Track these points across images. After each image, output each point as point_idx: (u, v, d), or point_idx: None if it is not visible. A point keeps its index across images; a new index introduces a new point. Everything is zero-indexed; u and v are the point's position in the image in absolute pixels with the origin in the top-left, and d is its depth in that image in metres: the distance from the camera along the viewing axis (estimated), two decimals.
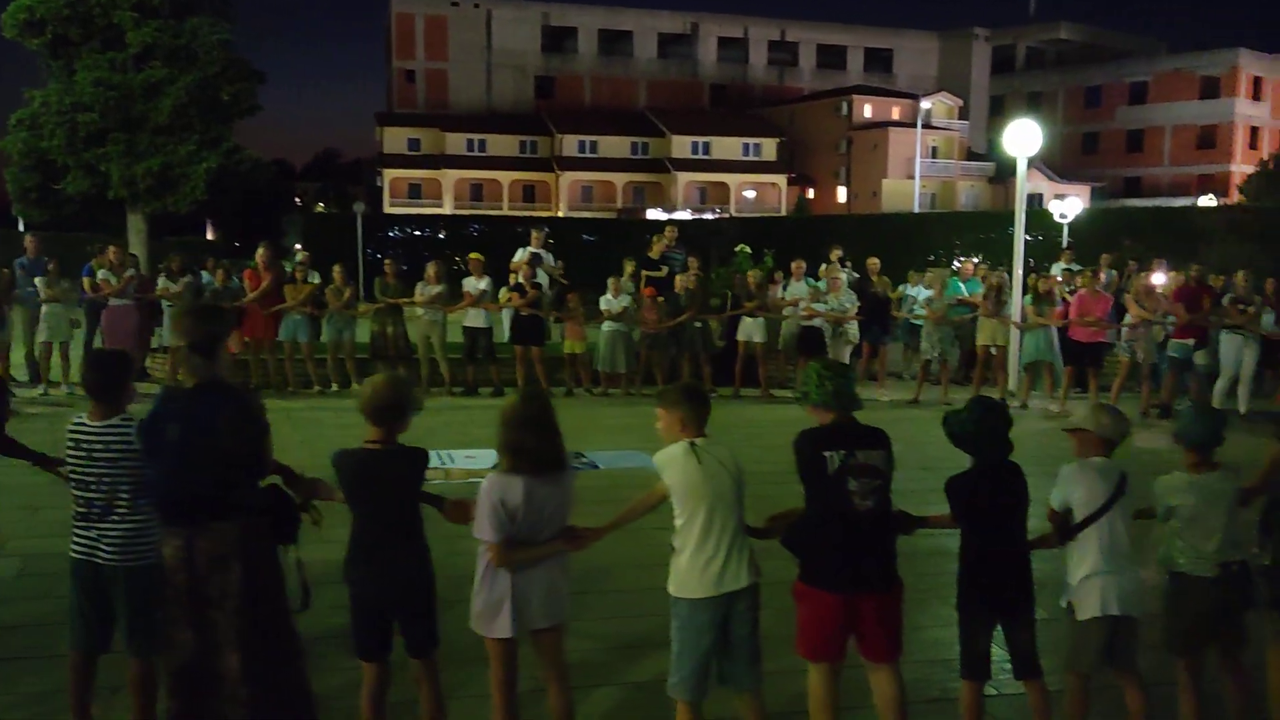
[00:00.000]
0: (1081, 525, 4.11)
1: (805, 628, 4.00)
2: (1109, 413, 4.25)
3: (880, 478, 3.94)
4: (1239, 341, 12.57)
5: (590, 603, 5.87)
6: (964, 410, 4.16)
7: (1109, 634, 4.09)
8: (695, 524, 3.88)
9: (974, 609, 4.15)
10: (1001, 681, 4.53)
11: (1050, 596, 4.34)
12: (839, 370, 4.09)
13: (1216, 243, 28.60)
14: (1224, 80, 64.78)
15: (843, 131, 67.80)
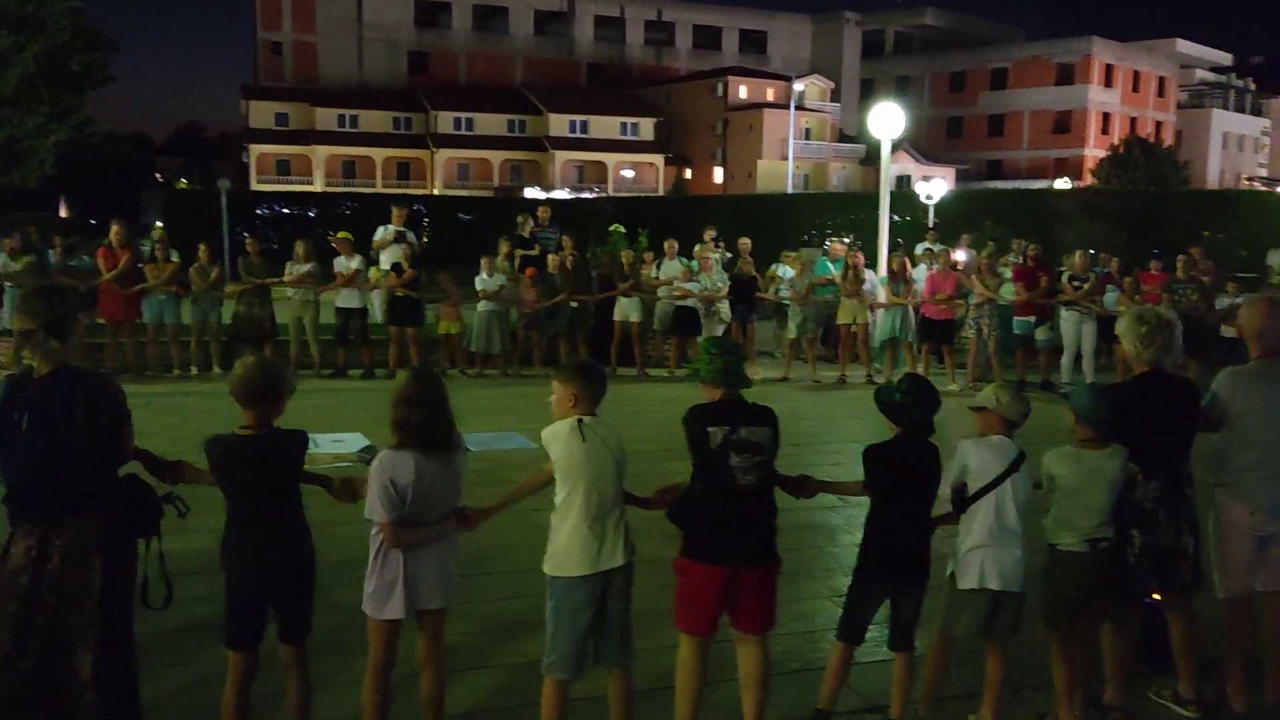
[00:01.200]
0: (973, 498, 4.26)
1: (684, 600, 4.07)
2: (1010, 392, 4.37)
3: (763, 454, 4.02)
4: (1077, 318, 13.22)
5: (471, 585, 5.82)
6: (897, 383, 4.31)
7: (988, 607, 4.24)
8: (575, 501, 3.90)
9: (871, 578, 4.27)
10: (863, 651, 4.67)
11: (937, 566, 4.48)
12: (728, 348, 4.15)
13: (1071, 223, 29.97)
14: (1078, 67, 67.76)
15: (719, 112, 68.47)
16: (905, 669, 4.31)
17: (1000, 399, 4.31)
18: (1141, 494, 4.47)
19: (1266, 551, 4.59)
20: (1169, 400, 4.54)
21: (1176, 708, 4.61)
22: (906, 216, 32.42)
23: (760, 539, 4.07)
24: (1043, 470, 4.40)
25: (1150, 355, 4.53)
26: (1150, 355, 4.53)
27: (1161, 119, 70.57)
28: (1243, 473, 4.54)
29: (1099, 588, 4.37)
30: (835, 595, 5.36)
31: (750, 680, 4.14)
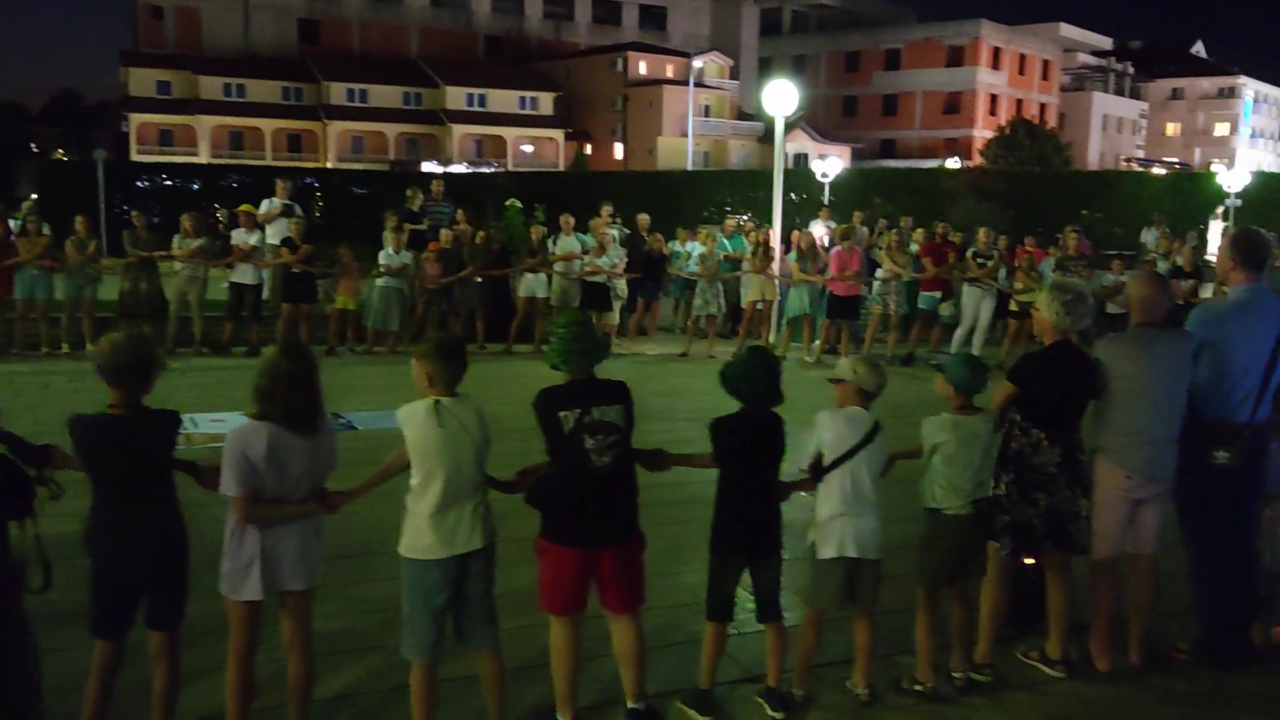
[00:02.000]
0: (828, 468, 4.33)
1: (547, 583, 4.05)
2: (867, 365, 4.46)
3: (618, 433, 3.99)
4: (979, 294, 13.62)
5: (359, 566, 5.74)
6: (739, 357, 4.34)
7: (847, 574, 4.35)
8: (431, 484, 3.81)
9: (726, 551, 4.31)
10: (740, 622, 4.75)
11: (797, 540, 4.55)
12: (573, 328, 4.06)
13: (960, 202, 30.78)
14: (968, 50, 69.44)
15: (619, 88, 68.23)
16: (777, 638, 4.38)
17: (857, 371, 4.40)
18: (1045, 459, 4.61)
19: (1138, 515, 4.79)
20: (1072, 369, 4.70)
21: (1044, 667, 4.80)
22: (803, 194, 32.88)
23: (619, 519, 4.06)
24: (923, 438, 4.52)
25: (1069, 324, 4.66)
26: (1069, 324, 4.66)
27: (1046, 101, 72.84)
28: (1119, 437, 4.71)
29: (977, 546, 4.55)
30: None
31: (626, 656, 4.16)
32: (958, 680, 4.61)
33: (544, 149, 66.04)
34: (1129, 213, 30.34)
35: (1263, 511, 4.95)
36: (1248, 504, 4.87)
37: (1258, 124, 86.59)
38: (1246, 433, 4.72)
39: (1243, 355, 4.72)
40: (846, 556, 4.31)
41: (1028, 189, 33.46)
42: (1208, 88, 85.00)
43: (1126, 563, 4.89)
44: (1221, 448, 4.72)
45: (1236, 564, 4.88)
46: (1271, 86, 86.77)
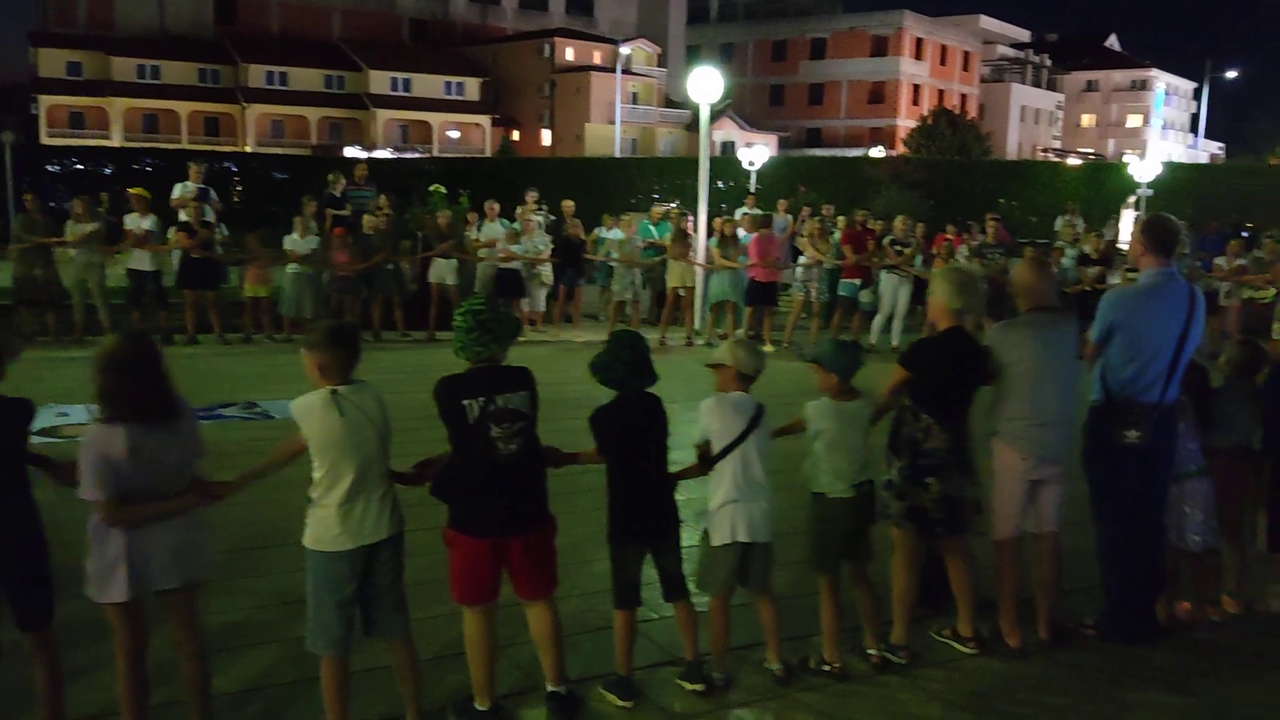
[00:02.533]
0: (719, 456, 4.33)
1: (457, 573, 3.99)
2: (746, 348, 4.46)
3: (523, 420, 3.94)
4: (896, 281, 13.81)
5: (260, 558, 5.62)
6: (605, 345, 4.29)
7: (739, 558, 4.36)
8: (334, 476, 3.72)
9: (624, 539, 4.29)
10: (655, 605, 4.74)
11: (693, 526, 4.56)
12: (472, 316, 3.96)
13: (883, 190, 31.22)
14: (891, 40, 70.37)
15: (546, 74, 67.79)
16: (687, 616, 4.40)
17: (737, 355, 4.40)
18: (936, 444, 4.66)
19: (1036, 496, 4.90)
20: (965, 356, 4.76)
21: (957, 645, 4.88)
22: (730, 182, 33.08)
23: (528, 506, 4.02)
24: (809, 424, 4.55)
25: (960, 306, 4.73)
26: (960, 306, 4.73)
27: (966, 92, 74.18)
28: (1014, 421, 4.80)
29: (861, 528, 4.60)
30: None
31: (544, 641, 4.13)
32: (873, 657, 4.66)
33: (470, 135, 65.35)
34: (1045, 202, 31.10)
35: (1170, 490, 5.09)
36: (1157, 482, 4.99)
37: (1168, 116, 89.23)
38: (1156, 413, 4.83)
39: (1153, 338, 4.83)
40: (739, 541, 4.32)
41: (949, 178, 34.11)
42: (1121, 80, 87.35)
43: (1030, 542, 4.99)
44: (1132, 427, 4.83)
45: (1144, 541, 5.00)
46: (1182, 79, 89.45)
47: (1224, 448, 5.26)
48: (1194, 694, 4.57)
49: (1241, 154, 77.73)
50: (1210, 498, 5.15)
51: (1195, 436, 5.15)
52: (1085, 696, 4.50)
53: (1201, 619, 5.27)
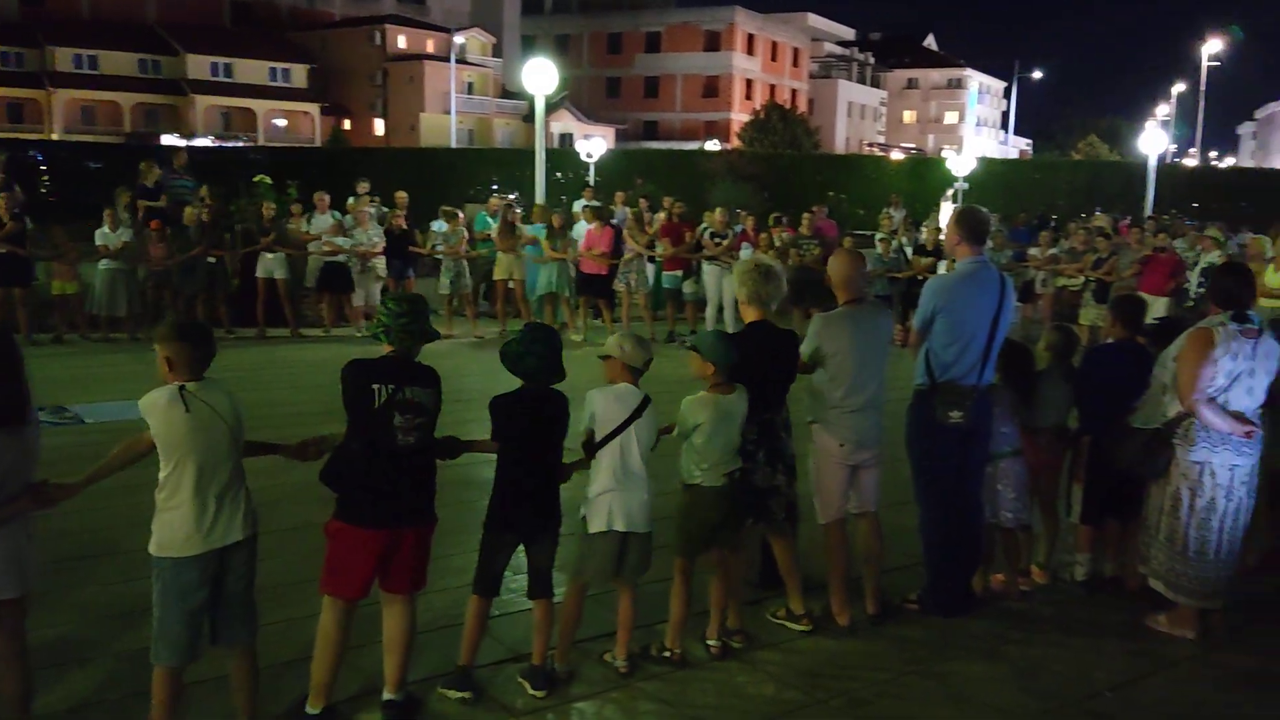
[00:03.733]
0: (599, 444, 4.36)
1: (337, 565, 3.92)
2: (634, 341, 4.50)
3: (425, 415, 3.95)
4: (718, 272, 14.08)
5: (92, 568, 5.29)
6: (518, 334, 4.30)
7: (616, 548, 4.39)
8: (182, 476, 3.59)
9: (501, 528, 4.28)
10: (505, 603, 4.72)
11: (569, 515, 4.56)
12: (405, 305, 3.97)
13: (718, 183, 31.85)
14: (724, 35, 71.75)
15: (378, 62, 66.12)
16: (545, 615, 4.40)
17: (625, 347, 4.45)
18: (743, 435, 4.77)
19: (856, 478, 5.11)
20: (773, 347, 4.91)
21: (790, 624, 5.05)
22: (569, 174, 33.08)
23: (420, 500, 4.02)
24: (685, 418, 4.60)
25: (760, 293, 4.86)
26: (760, 293, 4.86)
27: (796, 87, 76.40)
28: (833, 409, 5.00)
29: (730, 517, 4.70)
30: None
31: (394, 642, 4.07)
32: (713, 648, 4.77)
33: (298, 123, 63.12)
34: (872, 194, 32.32)
35: (986, 469, 5.40)
36: (975, 461, 5.28)
37: (982, 113, 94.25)
38: (975, 394, 5.11)
39: (970, 323, 5.09)
40: (615, 530, 4.36)
41: (781, 171, 35.07)
42: (939, 79, 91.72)
43: (853, 522, 5.20)
44: (955, 408, 5.08)
45: (963, 518, 5.28)
46: (993, 79, 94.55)
47: (1043, 427, 5.62)
48: (1006, 660, 4.86)
49: (1048, 149, 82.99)
50: (1022, 476, 5.50)
51: (1010, 419, 5.47)
52: (908, 668, 4.73)
53: (1013, 589, 5.61)
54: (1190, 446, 4.92)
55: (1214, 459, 4.89)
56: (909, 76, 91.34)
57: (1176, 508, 5.00)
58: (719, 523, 4.65)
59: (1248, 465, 4.94)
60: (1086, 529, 5.74)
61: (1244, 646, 5.05)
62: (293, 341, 13.07)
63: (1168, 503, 5.05)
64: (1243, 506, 4.98)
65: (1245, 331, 4.84)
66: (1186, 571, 5.00)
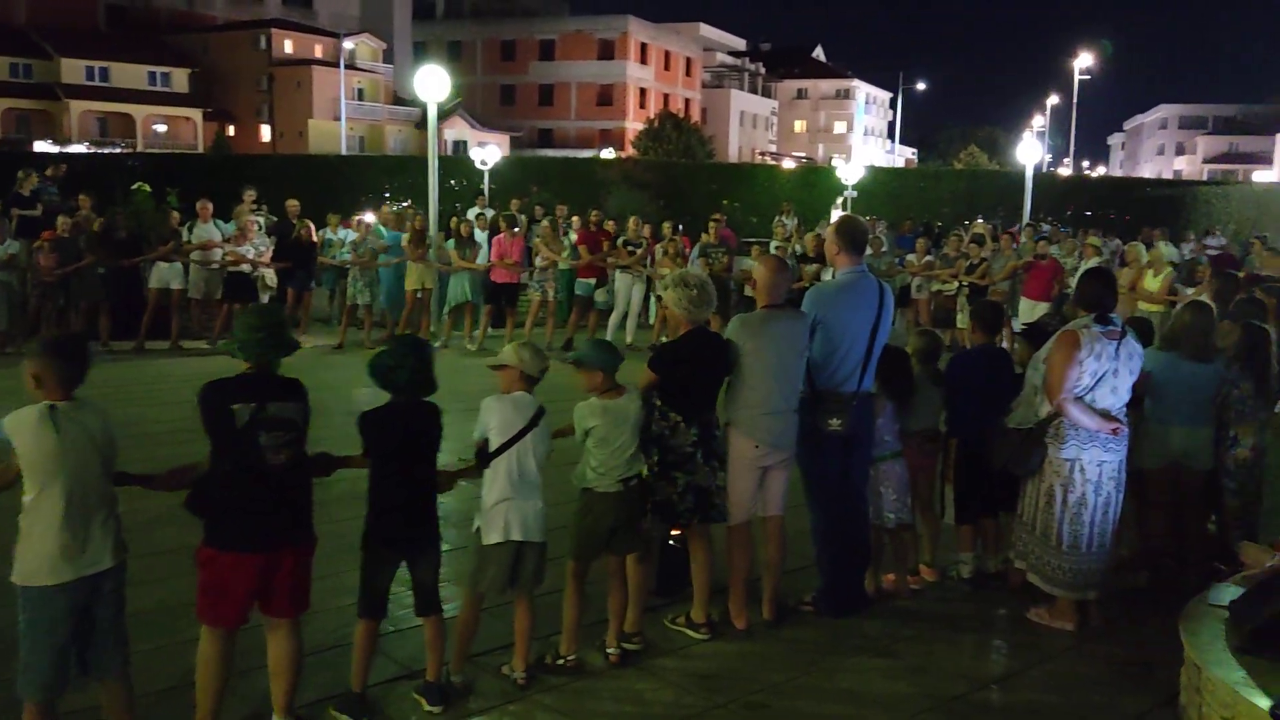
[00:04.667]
0: (495, 453, 4.33)
1: (211, 593, 3.79)
2: (530, 350, 4.49)
3: (294, 430, 3.83)
4: (630, 280, 14.17)
5: None
6: (387, 348, 4.22)
7: (512, 558, 4.37)
8: (50, 499, 3.44)
9: (380, 546, 4.20)
10: (397, 619, 4.65)
11: (460, 528, 4.51)
12: (260, 318, 3.87)
13: (614, 191, 31.92)
14: (617, 44, 72.01)
15: (263, 67, 64.41)
16: (436, 632, 4.34)
17: (521, 356, 4.44)
18: (683, 439, 4.85)
19: (766, 481, 5.19)
20: (707, 354, 4.97)
21: (689, 631, 5.09)
22: (463, 181, 32.75)
23: (296, 520, 3.90)
24: (577, 424, 4.61)
25: (699, 314, 4.92)
26: (699, 314, 4.92)
27: (690, 96, 77.12)
28: (747, 410, 5.06)
29: (627, 523, 4.71)
30: None
31: (280, 667, 3.97)
32: (612, 655, 4.77)
33: (180, 129, 61.08)
34: (765, 202, 32.81)
35: (869, 472, 5.53)
36: (858, 465, 5.42)
37: (869, 123, 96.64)
38: (855, 402, 5.23)
39: (849, 331, 5.21)
40: (512, 540, 4.33)
41: (676, 179, 35.32)
42: (827, 89, 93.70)
43: (758, 525, 5.28)
44: (835, 415, 5.21)
45: (850, 520, 5.41)
46: (879, 90, 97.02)
47: (915, 430, 5.78)
48: (898, 657, 4.99)
49: (931, 159, 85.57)
50: (904, 478, 5.66)
51: (892, 425, 5.62)
52: (803, 669, 4.82)
53: (903, 588, 5.77)
54: (1061, 444, 5.13)
55: (1084, 456, 5.11)
56: (799, 87, 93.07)
57: (1050, 504, 5.21)
58: (614, 528, 4.66)
59: (1115, 461, 5.17)
60: (966, 528, 5.94)
61: (1119, 637, 5.28)
62: (172, 355, 12.61)
63: (1042, 499, 5.26)
64: (1112, 501, 5.21)
65: (1109, 333, 5.07)
66: (1062, 565, 5.21)
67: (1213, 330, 5.84)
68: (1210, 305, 6.15)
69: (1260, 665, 4.00)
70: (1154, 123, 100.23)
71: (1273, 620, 4.11)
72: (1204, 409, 5.77)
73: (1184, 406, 5.72)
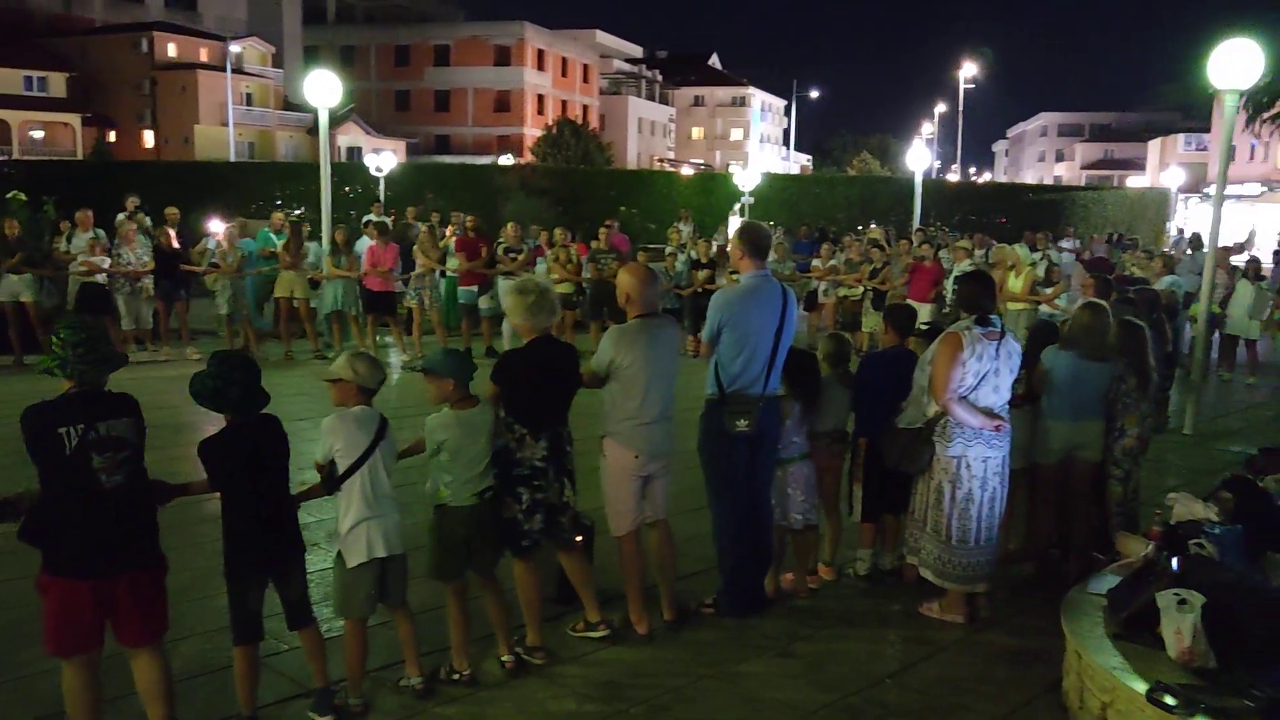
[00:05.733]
0: (345, 475, 4.22)
1: (54, 623, 3.61)
2: (366, 361, 4.37)
3: (128, 449, 3.65)
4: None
5: None
6: (208, 368, 4.02)
7: (378, 575, 4.29)
8: None
9: (242, 569, 4.06)
10: (283, 635, 4.53)
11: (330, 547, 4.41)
12: (75, 332, 3.63)
13: (512, 198, 31.76)
14: (514, 50, 71.69)
15: (146, 71, 62.23)
16: (314, 642, 4.26)
17: (357, 369, 4.32)
18: (531, 453, 4.75)
19: (649, 489, 5.20)
20: (553, 364, 4.89)
21: (590, 634, 5.09)
22: (358, 188, 32.21)
23: (137, 542, 3.73)
24: (428, 437, 4.53)
25: (539, 322, 4.83)
26: (539, 322, 4.83)
27: (587, 103, 77.21)
28: (624, 421, 5.06)
29: (485, 536, 4.63)
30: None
31: (149, 694, 3.82)
32: (508, 663, 4.73)
33: (57, 135, 58.60)
34: (663, 209, 33.03)
35: (776, 474, 5.60)
36: (764, 467, 5.48)
37: (765, 130, 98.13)
38: (761, 403, 5.29)
39: (754, 335, 5.27)
40: (376, 559, 4.25)
41: (574, 186, 35.32)
42: (724, 96, 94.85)
43: (646, 532, 5.29)
44: (742, 417, 5.25)
45: (753, 521, 5.47)
46: (774, 97, 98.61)
47: (824, 431, 5.88)
48: (797, 656, 5.07)
49: (826, 165, 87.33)
50: (811, 480, 5.75)
51: (800, 427, 5.71)
52: (704, 671, 4.86)
53: (803, 588, 5.86)
54: (948, 443, 5.28)
55: (969, 453, 5.27)
56: (695, 94, 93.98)
57: (939, 500, 5.36)
58: (469, 543, 4.56)
59: (999, 457, 5.35)
60: (867, 526, 6.07)
61: (1007, 627, 5.46)
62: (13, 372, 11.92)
63: (931, 496, 5.41)
64: (997, 495, 5.39)
65: (988, 334, 5.25)
66: (952, 559, 5.36)
67: (1108, 330, 6.08)
68: (1106, 307, 6.39)
69: (1136, 650, 4.18)
70: (1035, 130, 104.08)
71: (1147, 607, 4.29)
72: (1096, 404, 6.03)
73: (1079, 402, 5.97)
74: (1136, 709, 3.87)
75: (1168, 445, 9.71)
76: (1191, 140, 67.65)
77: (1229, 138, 10.36)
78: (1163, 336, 9.00)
